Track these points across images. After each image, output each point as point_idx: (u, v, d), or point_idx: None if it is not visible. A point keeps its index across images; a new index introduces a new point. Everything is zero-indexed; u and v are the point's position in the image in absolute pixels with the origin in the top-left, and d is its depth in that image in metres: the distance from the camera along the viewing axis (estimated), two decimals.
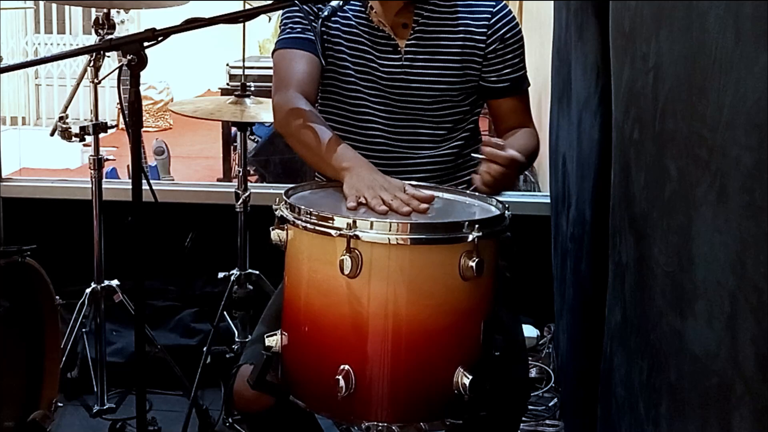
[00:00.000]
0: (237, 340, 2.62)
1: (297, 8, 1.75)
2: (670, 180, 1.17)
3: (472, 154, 1.42)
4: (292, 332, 1.35)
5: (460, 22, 1.79)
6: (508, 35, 1.80)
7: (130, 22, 6.95)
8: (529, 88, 1.89)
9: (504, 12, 1.81)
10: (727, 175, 0.93)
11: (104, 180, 2.51)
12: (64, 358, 2.36)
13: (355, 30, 1.79)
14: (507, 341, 1.57)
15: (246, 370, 1.57)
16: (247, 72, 2.71)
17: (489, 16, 1.79)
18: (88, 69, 2.40)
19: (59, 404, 2.23)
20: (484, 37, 1.78)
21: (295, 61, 1.75)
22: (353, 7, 1.80)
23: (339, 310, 1.28)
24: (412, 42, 1.77)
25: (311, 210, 1.29)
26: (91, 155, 2.47)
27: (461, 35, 1.78)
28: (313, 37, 1.75)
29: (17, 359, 2.14)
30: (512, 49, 1.81)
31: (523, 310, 1.79)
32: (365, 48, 1.79)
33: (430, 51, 1.78)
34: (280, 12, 1.85)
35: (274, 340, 1.38)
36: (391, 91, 1.79)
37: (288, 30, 1.79)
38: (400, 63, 1.78)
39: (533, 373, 2.80)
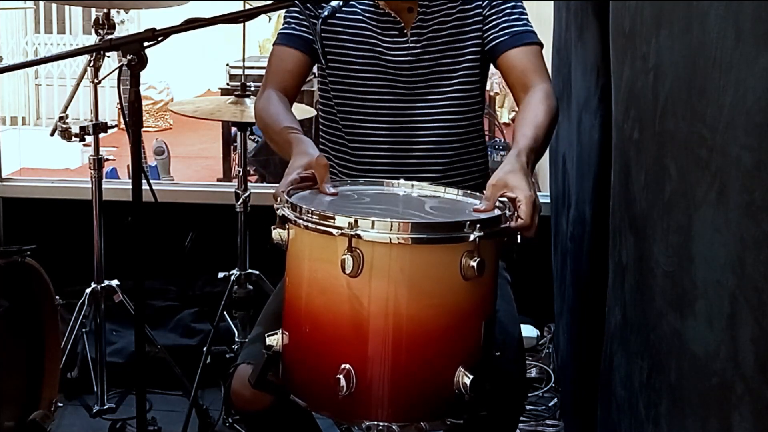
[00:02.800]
0: (237, 340, 2.62)
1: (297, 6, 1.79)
2: (670, 180, 1.17)
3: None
4: (293, 331, 1.35)
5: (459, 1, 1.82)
6: None
7: (130, 22, 6.97)
8: None
9: None
10: (727, 175, 0.93)
11: (104, 180, 2.51)
12: (64, 358, 2.36)
13: (361, 22, 1.83)
14: (504, 340, 1.57)
15: (244, 369, 1.57)
16: (247, 72, 2.72)
17: None
18: (88, 69, 2.40)
19: (59, 404, 2.23)
20: (480, 1, 1.81)
21: (281, 59, 1.84)
22: (361, 1, 1.84)
23: (340, 309, 1.28)
24: (417, 24, 1.81)
25: (312, 209, 1.29)
26: (91, 155, 2.47)
27: (459, 7, 1.81)
28: (306, 34, 1.81)
29: (17, 359, 2.14)
30: (511, 4, 1.80)
31: (523, 310, 1.79)
32: (371, 36, 1.83)
33: (434, 30, 1.81)
34: (283, 11, 1.89)
35: (274, 340, 1.38)
36: (398, 74, 1.81)
37: (285, 26, 1.86)
38: (407, 45, 1.81)
39: (533, 373, 2.80)
